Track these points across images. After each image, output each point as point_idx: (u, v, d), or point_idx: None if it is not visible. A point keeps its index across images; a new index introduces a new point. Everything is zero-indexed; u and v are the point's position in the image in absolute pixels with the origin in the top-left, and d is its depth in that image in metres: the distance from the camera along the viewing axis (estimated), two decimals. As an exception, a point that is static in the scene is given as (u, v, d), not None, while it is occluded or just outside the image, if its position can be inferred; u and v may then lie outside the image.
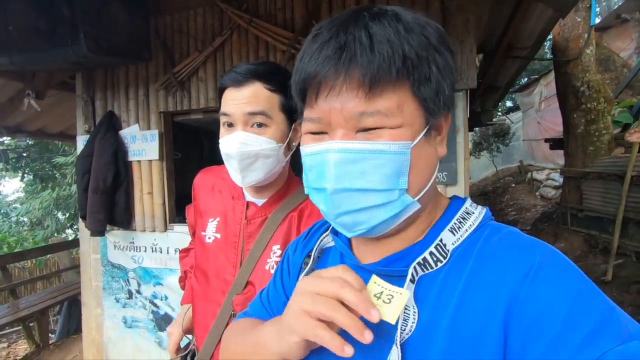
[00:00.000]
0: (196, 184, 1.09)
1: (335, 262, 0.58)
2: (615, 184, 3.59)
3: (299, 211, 0.94)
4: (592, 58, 4.20)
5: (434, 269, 0.47)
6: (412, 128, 0.44)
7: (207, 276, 0.97)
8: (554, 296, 0.39)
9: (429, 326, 0.44)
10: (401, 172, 0.44)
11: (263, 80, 0.87)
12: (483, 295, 0.42)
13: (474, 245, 0.46)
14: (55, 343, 3.72)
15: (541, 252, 0.42)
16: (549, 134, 8.05)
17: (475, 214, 0.50)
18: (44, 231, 9.37)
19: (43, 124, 4.00)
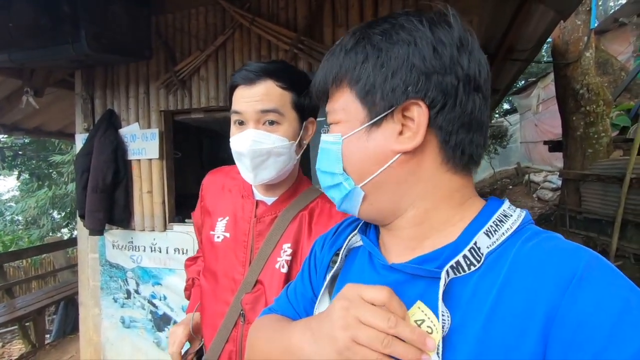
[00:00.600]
0: (205, 184, 1.08)
1: (362, 261, 0.58)
2: (614, 187, 3.60)
3: (310, 210, 0.94)
4: (591, 61, 4.21)
5: (466, 272, 0.45)
6: (350, 123, 0.51)
7: (216, 276, 0.96)
8: (599, 307, 0.37)
9: (460, 331, 0.43)
10: (336, 159, 0.53)
11: (275, 78, 0.87)
12: (519, 303, 0.40)
13: (510, 250, 0.44)
14: (51, 343, 3.69)
15: (585, 259, 0.40)
16: (546, 136, 8.09)
17: (514, 217, 0.48)
18: (39, 230, 9.30)
19: (41, 121, 3.96)
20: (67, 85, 3.02)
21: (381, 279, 0.52)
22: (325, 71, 0.53)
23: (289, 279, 0.89)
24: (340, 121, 0.52)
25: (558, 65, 4.36)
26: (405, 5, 2.12)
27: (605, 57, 6.26)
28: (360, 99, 0.50)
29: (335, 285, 0.60)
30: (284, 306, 0.69)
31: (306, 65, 2.26)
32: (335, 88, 0.53)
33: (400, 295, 0.47)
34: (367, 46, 0.49)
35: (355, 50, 0.50)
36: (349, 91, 0.51)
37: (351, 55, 0.50)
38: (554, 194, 6.95)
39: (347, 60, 0.51)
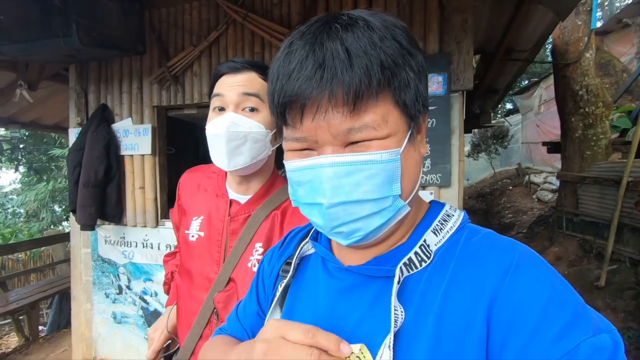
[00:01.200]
0: (181, 183, 1.07)
1: (315, 268, 0.58)
2: (611, 189, 3.58)
3: (282, 209, 0.93)
4: (591, 62, 4.17)
5: (418, 269, 0.47)
6: (398, 136, 0.45)
7: (191, 275, 0.96)
8: (531, 292, 0.40)
9: (414, 325, 0.44)
10: (394, 179, 0.45)
11: (259, 70, 0.89)
12: (466, 293, 0.43)
13: (455, 246, 0.48)
14: (45, 337, 3.70)
15: (519, 251, 0.44)
16: (547, 137, 8.04)
17: (455, 216, 0.52)
18: (39, 223, 9.33)
19: (37, 115, 3.96)
20: (61, 79, 3.01)
21: (336, 283, 0.53)
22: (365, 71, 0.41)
23: None
24: (389, 135, 0.44)
25: (558, 66, 4.32)
26: (400, 3, 2.09)
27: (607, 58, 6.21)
28: (405, 107, 0.45)
29: (288, 294, 0.59)
30: (234, 325, 0.69)
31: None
32: (374, 95, 0.42)
33: (358, 296, 0.50)
34: (397, 46, 0.43)
35: (390, 47, 0.43)
36: (391, 98, 0.44)
37: (387, 52, 0.42)
38: (554, 196, 6.92)
39: (388, 59, 0.42)
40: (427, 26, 2.06)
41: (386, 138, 0.44)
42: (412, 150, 0.47)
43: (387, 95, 0.43)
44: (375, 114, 0.43)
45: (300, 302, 0.57)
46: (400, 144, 0.45)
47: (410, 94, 0.45)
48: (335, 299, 0.52)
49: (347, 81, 0.41)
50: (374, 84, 0.41)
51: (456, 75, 2.05)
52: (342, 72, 0.41)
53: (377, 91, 0.42)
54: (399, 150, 0.44)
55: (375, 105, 0.43)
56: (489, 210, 8.31)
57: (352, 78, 0.41)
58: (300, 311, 0.56)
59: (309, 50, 0.42)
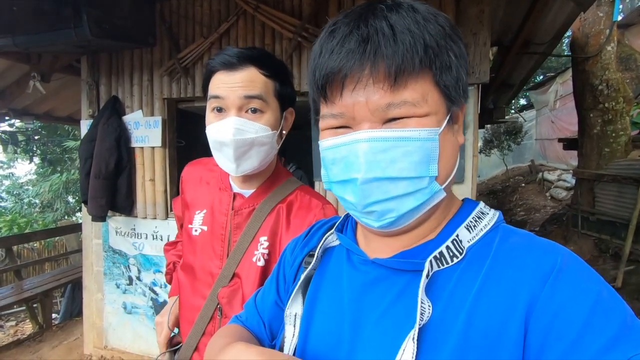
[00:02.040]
0: (184, 176, 1.05)
1: (339, 260, 0.57)
2: (630, 188, 3.46)
3: (288, 203, 0.91)
4: (612, 56, 4.02)
5: (449, 264, 0.46)
6: (437, 116, 0.45)
7: (193, 270, 0.95)
8: (575, 298, 0.39)
9: (442, 321, 0.43)
10: (431, 159, 0.44)
11: (258, 64, 0.83)
12: (502, 293, 0.42)
13: (491, 245, 0.46)
14: (58, 325, 3.78)
15: (562, 254, 0.42)
16: (563, 133, 7.84)
17: (490, 215, 0.50)
18: (53, 214, 9.53)
19: (50, 107, 4.01)
20: (74, 71, 3.03)
21: (361, 276, 0.52)
22: (407, 47, 0.41)
23: (266, 272, 0.87)
24: (429, 113, 0.44)
25: (577, 60, 4.18)
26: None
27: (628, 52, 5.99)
28: (446, 89, 0.45)
29: (310, 286, 0.58)
30: (251, 313, 0.69)
31: (310, 53, 2.19)
32: (415, 74, 0.42)
33: (383, 290, 0.48)
34: (441, 29, 0.44)
35: (434, 30, 0.43)
36: (432, 79, 0.44)
37: (433, 34, 0.43)
38: (568, 193, 6.77)
39: (432, 40, 0.43)
40: (442, 17, 2.00)
41: (425, 116, 0.44)
42: (451, 134, 0.47)
43: (428, 75, 0.44)
44: (416, 91, 0.43)
45: (323, 295, 0.56)
46: (439, 124, 0.45)
47: (451, 77, 0.45)
48: (359, 292, 0.51)
49: (390, 55, 0.41)
50: (416, 61, 0.42)
51: (472, 68, 1.99)
52: (385, 47, 0.41)
53: (419, 69, 0.42)
54: (437, 129, 0.44)
55: (416, 83, 0.43)
56: (501, 208, 8.17)
57: (395, 52, 0.41)
58: (322, 304, 0.55)
59: (353, 27, 0.43)
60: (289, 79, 0.90)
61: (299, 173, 3.17)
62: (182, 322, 0.98)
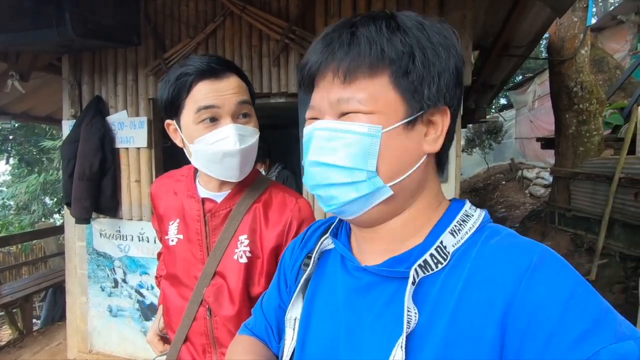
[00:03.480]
0: (153, 191, 1.05)
1: (335, 264, 0.58)
2: (603, 185, 3.63)
3: (264, 202, 0.93)
4: (586, 59, 4.20)
5: (434, 270, 0.47)
6: (387, 116, 0.47)
7: (177, 277, 0.96)
8: (549, 295, 0.39)
9: (427, 327, 0.45)
10: (369, 154, 0.47)
11: (235, 71, 0.86)
12: (481, 295, 0.43)
13: (473, 248, 0.47)
14: (40, 330, 3.68)
15: (538, 253, 0.43)
16: (541, 132, 8.11)
17: (475, 216, 0.51)
18: (30, 216, 9.22)
19: (29, 106, 3.89)
20: (54, 69, 2.95)
21: (355, 281, 0.53)
22: (355, 53, 0.46)
23: (249, 268, 0.89)
24: (374, 112, 0.47)
25: (553, 62, 4.35)
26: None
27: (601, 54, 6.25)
28: (404, 93, 0.47)
29: (308, 288, 0.60)
30: (259, 318, 0.71)
31: (297, 55, 2.22)
32: (368, 75, 0.46)
33: (375, 296, 0.50)
34: (410, 39, 0.46)
35: (398, 38, 0.46)
36: (389, 82, 0.46)
37: (395, 42, 0.46)
38: (546, 191, 7.01)
39: (390, 47, 0.46)
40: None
41: (372, 114, 0.46)
42: (404, 137, 0.48)
43: (384, 77, 0.46)
44: (365, 90, 0.46)
45: (320, 297, 0.58)
46: (387, 123, 0.46)
47: (408, 82, 0.46)
48: (352, 297, 0.53)
49: (340, 57, 0.47)
50: (366, 62, 0.46)
51: (454, 71, 2.05)
52: (339, 50, 0.47)
53: (371, 70, 0.46)
54: (380, 127, 0.46)
55: (368, 83, 0.46)
56: (482, 205, 8.35)
57: (346, 55, 0.46)
58: (319, 307, 0.57)
59: (327, 34, 0.50)
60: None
61: (285, 173, 3.18)
62: (169, 329, 0.99)
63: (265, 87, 2.30)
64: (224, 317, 0.89)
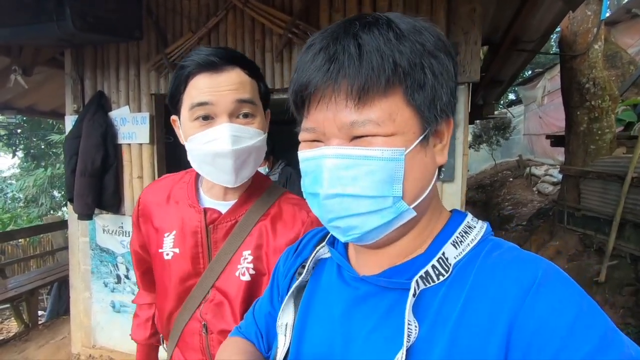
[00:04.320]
0: (143, 200, 0.94)
1: (331, 273, 0.57)
2: (614, 185, 3.54)
3: (271, 218, 0.86)
4: (599, 54, 4.07)
5: (435, 282, 0.46)
6: (406, 136, 0.44)
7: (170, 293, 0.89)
8: (555, 311, 0.38)
9: (428, 341, 0.43)
10: (395, 179, 0.44)
11: (241, 65, 0.78)
12: (484, 310, 0.42)
13: (475, 260, 0.46)
14: (45, 323, 3.71)
15: (542, 268, 0.42)
16: (550, 129, 7.96)
17: (477, 228, 0.50)
18: (38, 209, 9.32)
19: (33, 101, 3.89)
20: (57, 64, 2.94)
21: (352, 292, 0.52)
22: (372, 67, 0.41)
23: (252, 287, 0.83)
24: (394, 133, 0.43)
25: (565, 57, 4.22)
26: (406, -9, 2.02)
27: (614, 49, 6.09)
28: (418, 107, 0.44)
29: (303, 297, 0.58)
30: (249, 324, 0.70)
31: (300, 50, 2.17)
32: (382, 93, 0.42)
33: (373, 307, 0.49)
34: (415, 46, 0.43)
35: (406, 47, 0.42)
36: (403, 98, 0.43)
37: (405, 52, 0.42)
38: (555, 188, 6.89)
39: (403, 59, 0.42)
40: (433, 15, 2.00)
41: (391, 136, 0.43)
42: (423, 154, 0.46)
43: (397, 94, 0.43)
44: (382, 110, 0.42)
45: (316, 307, 0.56)
46: (407, 144, 0.44)
47: (424, 96, 0.44)
48: (349, 307, 0.51)
49: (353, 74, 0.41)
50: (382, 80, 0.41)
51: (462, 67, 2.00)
52: (348, 66, 0.41)
53: (386, 88, 0.42)
54: (403, 150, 0.43)
55: (383, 102, 0.42)
56: (489, 202, 8.29)
57: (358, 72, 0.41)
58: (315, 316, 0.56)
59: (324, 45, 0.44)
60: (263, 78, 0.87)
61: (288, 170, 3.15)
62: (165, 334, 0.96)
63: (268, 82, 2.25)
64: (222, 333, 0.83)
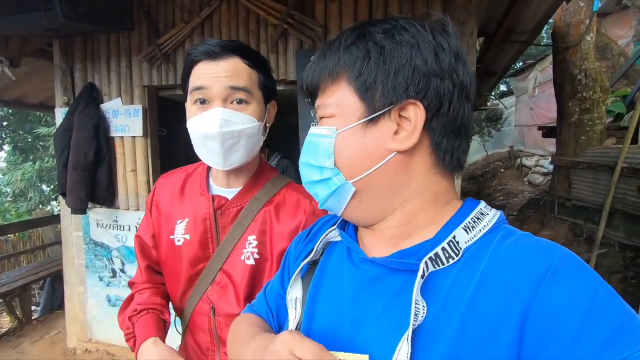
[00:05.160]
0: (157, 188, 0.99)
1: (341, 256, 0.59)
2: (604, 175, 3.60)
3: (275, 205, 0.90)
4: (591, 45, 4.10)
5: (445, 265, 0.47)
6: (345, 117, 0.50)
7: (181, 276, 0.93)
8: (571, 298, 0.39)
9: (437, 322, 0.44)
10: (327, 153, 0.51)
11: (241, 55, 0.82)
12: (497, 295, 0.42)
13: (488, 246, 0.46)
14: (39, 318, 3.68)
15: (558, 255, 0.42)
16: (541, 120, 8.05)
17: (490, 215, 0.50)
18: (27, 203, 9.18)
19: (21, 93, 3.80)
20: (45, 55, 2.86)
21: (361, 273, 0.53)
22: (321, 65, 0.52)
23: (256, 271, 0.87)
24: (334, 115, 0.51)
25: (557, 49, 4.25)
26: (403, -19, 2.00)
27: (605, 41, 6.15)
28: (359, 94, 0.49)
29: (313, 278, 0.60)
30: (261, 304, 0.72)
31: (296, 41, 2.15)
32: (330, 82, 0.51)
33: (382, 288, 0.50)
34: (369, 42, 0.49)
35: (356, 45, 0.49)
36: (347, 85, 0.50)
37: (352, 50, 0.50)
38: (545, 179, 7.00)
39: (347, 55, 0.50)
40: (429, 5, 1.99)
41: (333, 117, 0.51)
42: (361, 136, 0.49)
43: (343, 82, 0.50)
44: (329, 97, 0.51)
45: (326, 289, 0.57)
46: (342, 124, 0.50)
47: (362, 82, 0.49)
48: (358, 290, 0.52)
49: (312, 72, 0.54)
50: (326, 74, 0.51)
51: (459, 58, 1.99)
52: (311, 66, 0.54)
53: (332, 79, 0.51)
54: (334, 128, 0.50)
55: (332, 90, 0.51)
56: (481, 193, 8.39)
57: (315, 70, 0.54)
58: (325, 298, 0.57)
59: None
60: (271, 71, 0.90)
61: (284, 163, 3.13)
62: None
63: (263, 74, 2.24)
64: (227, 315, 0.87)
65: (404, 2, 2.01)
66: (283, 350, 0.44)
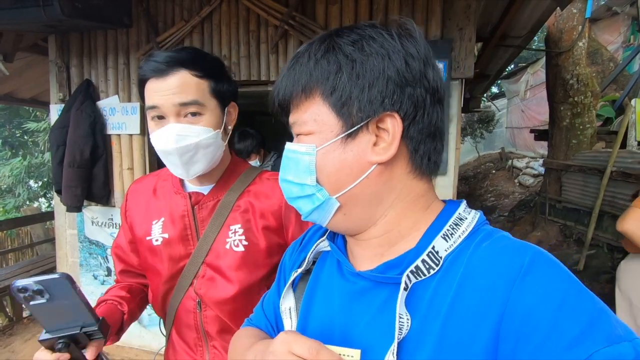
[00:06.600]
0: (130, 193, 1.02)
1: (331, 267, 0.59)
2: (594, 178, 3.69)
3: (254, 193, 0.93)
4: (583, 51, 4.19)
5: (426, 276, 0.47)
6: (323, 134, 0.49)
7: (162, 275, 0.94)
8: (541, 298, 0.39)
9: (420, 333, 0.45)
10: (309, 171, 0.50)
11: (188, 67, 0.82)
12: (474, 301, 0.43)
13: (466, 252, 0.47)
14: (30, 317, 3.63)
15: (529, 255, 0.42)
16: (532, 122, 8.18)
17: (469, 219, 0.50)
18: (15, 199, 8.99)
19: (12, 88, 3.73)
20: (39, 50, 2.82)
21: (350, 286, 0.54)
22: (292, 80, 0.50)
23: (246, 257, 0.90)
24: (312, 132, 0.50)
25: (550, 54, 4.33)
26: (403, -15, 2.02)
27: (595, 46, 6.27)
28: (335, 110, 0.48)
29: (307, 289, 0.61)
30: (259, 316, 0.73)
31: (297, 42, 2.16)
32: (304, 98, 0.50)
33: (369, 301, 0.51)
34: (339, 56, 0.48)
35: (326, 59, 0.48)
36: (322, 101, 0.49)
37: (322, 64, 0.48)
38: (535, 180, 7.12)
39: (318, 69, 0.48)
40: (429, 10, 2.01)
41: (310, 134, 0.50)
42: (341, 152, 0.49)
43: (317, 98, 0.49)
44: (304, 113, 0.50)
45: (318, 299, 0.59)
46: (321, 142, 0.49)
47: (337, 98, 0.48)
48: (347, 302, 0.53)
49: (283, 86, 0.52)
50: (299, 89, 0.49)
51: (457, 63, 2.03)
52: (282, 80, 0.52)
53: (306, 94, 0.49)
54: (313, 146, 0.49)
55: (306, 106, 0.50)
56: (472, 193, 8.50)
57: (286, 85, 0.51)
58: (317, 308, 0.58)
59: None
60: (225, 73, 0.90)
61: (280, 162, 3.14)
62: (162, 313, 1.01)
63: (263, 74, 2.24)
64: (219, 303, 0.90)
65: (404, 5, 2.04)
66: (282, 349, 0.45)
